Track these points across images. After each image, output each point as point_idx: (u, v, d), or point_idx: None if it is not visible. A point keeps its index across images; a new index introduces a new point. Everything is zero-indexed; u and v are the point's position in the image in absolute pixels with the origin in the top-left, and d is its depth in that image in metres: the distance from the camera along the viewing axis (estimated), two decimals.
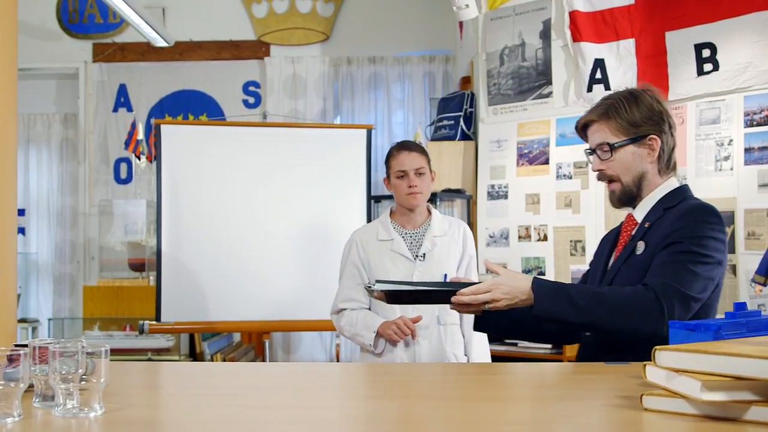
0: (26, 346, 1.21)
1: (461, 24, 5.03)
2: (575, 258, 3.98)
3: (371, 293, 1.95)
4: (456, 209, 4.65)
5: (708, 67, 3.58)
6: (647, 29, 3.79)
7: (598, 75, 3.92)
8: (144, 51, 6.10)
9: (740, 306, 1.48)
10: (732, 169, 3.50)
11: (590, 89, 3.94)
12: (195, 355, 4.82)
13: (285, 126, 4.80)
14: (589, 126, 1.98)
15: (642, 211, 1.93)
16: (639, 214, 1.94)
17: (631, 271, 1.85)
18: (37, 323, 5.93)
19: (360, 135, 4.34)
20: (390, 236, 2.76)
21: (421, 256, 2.71)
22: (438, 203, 4.36)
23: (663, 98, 1.97)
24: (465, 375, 1.80)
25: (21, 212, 5.76)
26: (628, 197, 1.95)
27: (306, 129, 4.74)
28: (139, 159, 5.33)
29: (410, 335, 2.62)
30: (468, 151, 4.55)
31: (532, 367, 1.81)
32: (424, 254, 2.71)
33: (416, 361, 2.65)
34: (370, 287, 1.93)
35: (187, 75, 6.13)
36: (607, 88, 3.83)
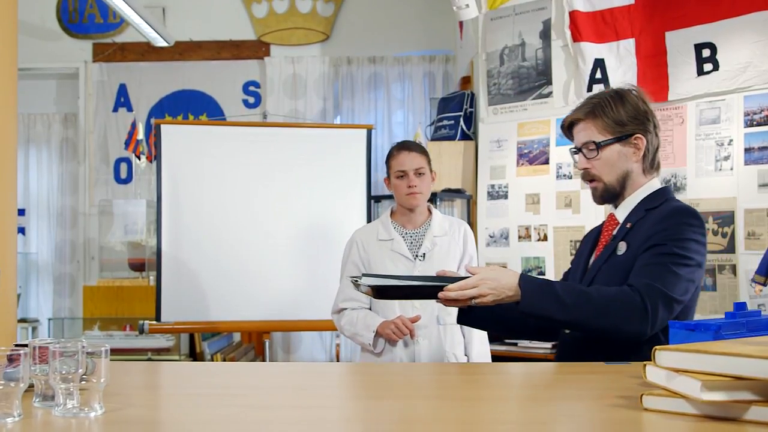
0: (26, 346, 1.21)
1: (461, 24, 5.03)
2: None
3: (358, 287, 1.92)
4: (456, 209, 4.65)
5: (708, 67, 3.58)
6: (647, 29, 3.79)
7: (598, 75, 3.92)
8: (144, 51, 6.10)
9: (740, 306, 1.49)
10: (732, 169, 3.50)
11: (590, 89, 3.94)
12: (195, 355, 4.83)
13: (285, 126, 4.80)
14: (575, 125, 1.98)
15: (624, 211, 1.94)
16: (621, 214, 1.95)
17: (612, 272, 1.86)
18: (37, 323, 5.93)
19: (360, 135, 4.34)
20: (390, 236, 2.76)
21: (421, 256, 2.71)
22: (438, 203, 4.36)
23: (648, 98, 1.98)
24: (465, 375, 1.80)
25: (21, 212, 5.76)
26: (611, 195, 1.96)
27: (306, 129, 4.74)
28: (139, 159, 5.33)
29: (409, 335, 2.63)
30: (468, 151, 4.55)
31: (532, 367, 1.81)
32: (424, 254, 2.71)
33: (416, 361, 2.65)
34: (357, 281, 1.90)
35: (187, 75, 6.13)
36: (608, 88, 3.82)
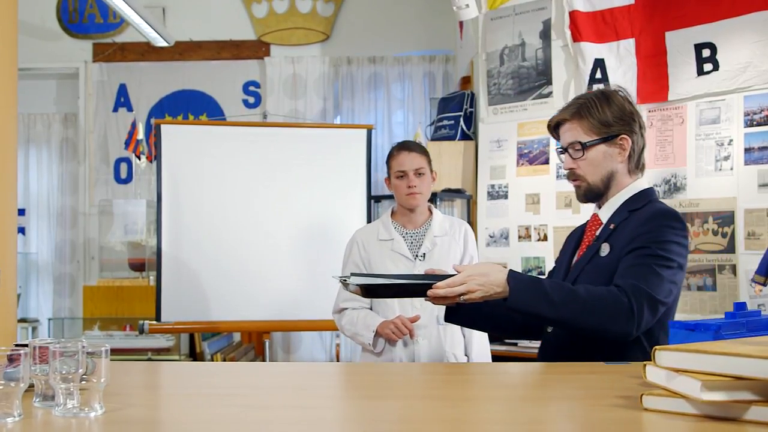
0: (26, 346, 1.21)
1: (461, 24, 5.03)
2: None
3: (346, 287, 1.91)
4: (456, 209, 4.65)
5: (708, 67, 3.58)
6: (647, 29, 3.79)
7: (598, 75, 3.92)
8: (144, 51, 6.10)
9: (740, 306, 1.49)
10: (732, 169, 3.50)
11: (590, 89, 3.94)
12: (195, 355, 4.83)
13: (285, 126, 4.80)
14: (562, 125, 1.99)
15: (607, 212, 1.96)
16: (604, 215, 1.96)
17: (595, 273, 1.87)
18: (37, 323, 5.93)
19: (360, 135, 4.34)
20: (390, 236, 2.76)
21: (422, 256, 2.71)
22: (438, 203, 4.36)
23: (633, 99, 2.00)
24: (464, 375, 1.80)
25: (21, 212, 5.76)
26: (594, 195, 1.97)
27: (306, 129, 4.73)
28: (139, 159, 5.33)
29: (408, 335, 2.63)
30: (468, 151, 4.55)
31: (532, 367, 1.81)
32: (425, 254, 2.71)
33: (415, 361, 2.65)
34: (345, 281, 1.89)
35: (187, 75, 6.13)
36: None
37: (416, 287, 1.88)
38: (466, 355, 2.77)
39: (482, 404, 1.37)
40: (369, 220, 4.15)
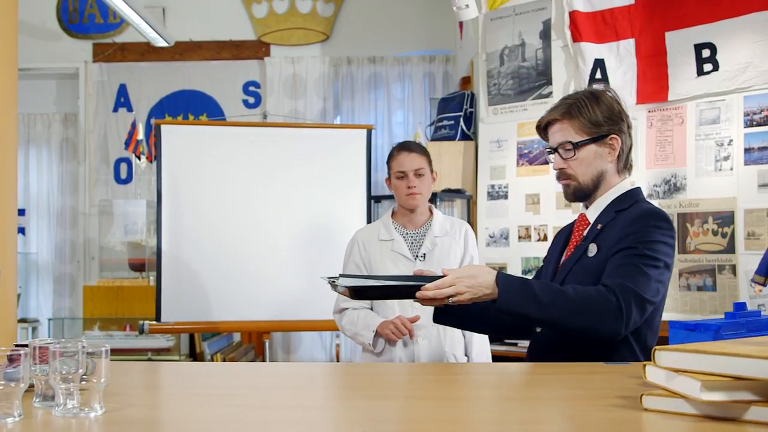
0: (26, 346, 1.21)
1: (461, 24, 5.03)
2: None
3: (335, 288, 1.90)
4: (456, 209, 4.65)
5: (708, 67, 3.58)
6: (647, 29, 3.79)
7: (598, 75, 3.92)
8: (144, 51, 6.10)
9: (740, 306, 1.49)
10: (732, 169, 3.50)
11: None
12: (195, 355, 4.83)
13: (285, 126, 4.80)
14: (551, 125, 2.00)
15: (595, 212, 1.96)
16: (591, 215, 1.97)
17: (582, 273, 1.87)
18: (37, 323, 5.93)
19: (360, 135, 4.34)
20: (391, 236, 2.76)
21: (422, 257, 2.71)
22: (438, 203, 4.36)
23: (621, 99, 2.00)
24: (464, 375, 1.80)
25: (21, 212, 5.76)
26: (583, 194, 1.98)
27: (306, 129, 4.73)
28: (139, 159, 5.34)
29: (408, 335, 2.63)
30: (468, 151, 4.55)
31: (532, 367, 1.81)
32: (425, 254, 2.71)
33: (415, 361, 2.65)
34: (334, 282, 1.88)
35: (187, 75, 6.13)
36: None
37: (405, 289, 1.87)
38: (467, 356, 2.77)
39: (482, 404, 1.37)
40: (369, 221, 4.15)
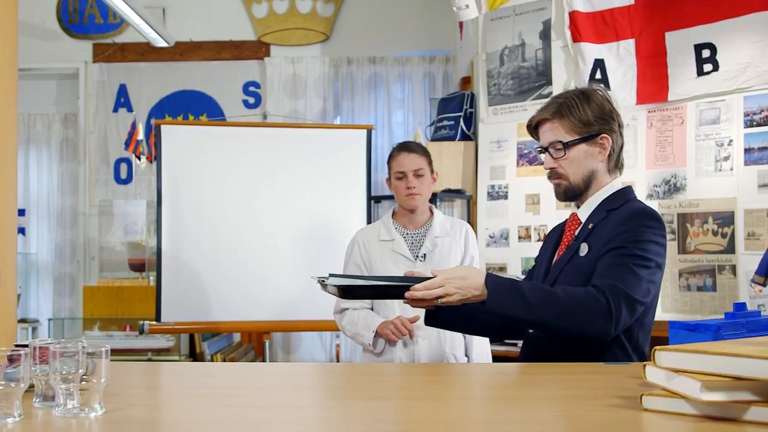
0: (26, 346, 1.21)
1: (461, 24, 5.03)
2: None
3: (324, 288, 1.89)
4: (456, 209, 4.65)
5: (708, 68, 3.58)
6: (647, 29, 3.79)
7: (598, 75, 3.92)
8: (144, 51, 6.10)
9: (740, 306, 1.49)
10: (732, 170, 3.50)
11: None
12: (195, 355, 4.83)
13: (285, 126, 4.80)
14: (542, 124, 1.99)
15: (586, 211, 1.96)
16: (583, 214, 1.97)
17: (574, 273, 1.87)
18: (37, 323, 5.93)
19: (360, 135, 4.34)
20: (391, 236, 2.76)
21: (422, 257, 2.71)
22: (438, 203, 4.36)
23: (613, 98, 2.00)
24: (464, 375, 1.80)
25: (21, 212, 5.76)
26: (574, 194, 1.98)
27: (306, 129, 4.73)
28: (139, 159, 5.34)
29: (408, 335, 2.63)
30: (468, 152, 4.55)
31: (532, 368, 1.81)
32: (425, 255, 2.71)
33: (415, 361, 2.65)
34: (324, 282, 1.88)
35: (187, 75, 6.13)
36: (607, 89, 3.83)
37: (394, 289, 1.87)
38: (467, 356, 2.77)
39: (482, 404, 1.37)
40: (369, 221, 4.15)
